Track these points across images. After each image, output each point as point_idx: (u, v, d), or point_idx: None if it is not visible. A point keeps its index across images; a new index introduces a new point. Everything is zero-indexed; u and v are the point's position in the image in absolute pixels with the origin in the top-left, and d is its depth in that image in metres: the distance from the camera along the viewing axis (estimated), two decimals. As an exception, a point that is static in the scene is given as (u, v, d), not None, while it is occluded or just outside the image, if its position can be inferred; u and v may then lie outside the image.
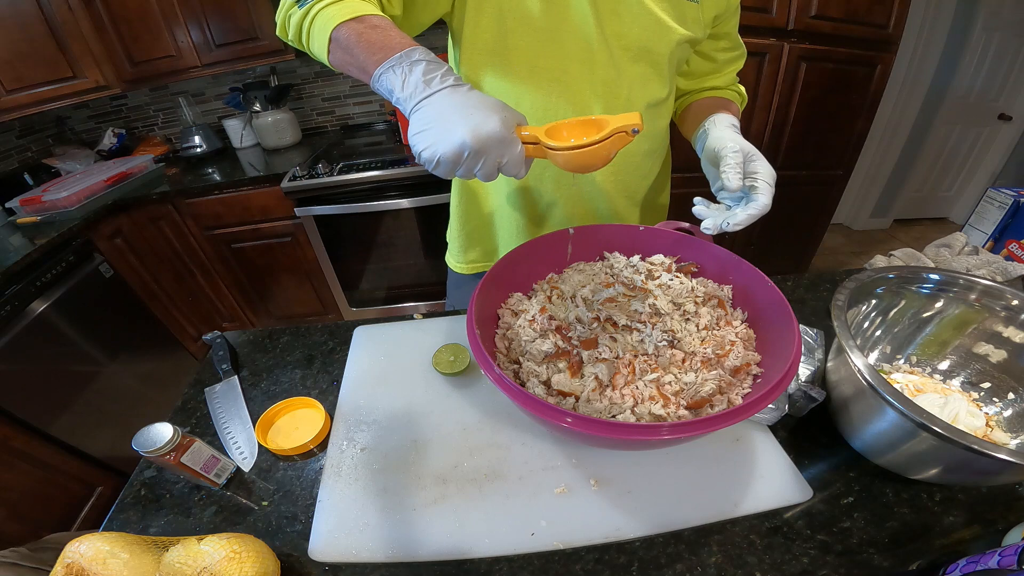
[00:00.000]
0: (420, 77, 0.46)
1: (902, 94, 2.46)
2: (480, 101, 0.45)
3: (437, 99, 0.45)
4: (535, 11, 0.59)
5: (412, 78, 0.47)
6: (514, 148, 0.45)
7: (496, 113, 0.44)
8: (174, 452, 0.50)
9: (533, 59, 0.62)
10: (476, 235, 0.84)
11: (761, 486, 0.51)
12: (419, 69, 0.47)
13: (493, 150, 0.44)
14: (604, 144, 0.45)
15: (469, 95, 0.45)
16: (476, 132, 0.42)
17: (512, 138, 0.44)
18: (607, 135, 0.44)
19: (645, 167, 0.78)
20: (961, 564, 0.40)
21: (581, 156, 0.45)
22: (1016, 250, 0.88)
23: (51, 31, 1.63)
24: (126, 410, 1.63)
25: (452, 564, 0.47)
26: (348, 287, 2.05)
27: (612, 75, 0.64)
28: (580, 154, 0.45)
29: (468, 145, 0.42)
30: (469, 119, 0.43)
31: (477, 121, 0.43)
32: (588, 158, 0.46)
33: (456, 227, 0.86)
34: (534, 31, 0.60)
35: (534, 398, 0.42)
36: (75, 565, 0.41)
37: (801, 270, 2.28)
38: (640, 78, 0.65)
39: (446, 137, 0.43)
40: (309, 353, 0.76)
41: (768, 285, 0.54)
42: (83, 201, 1.67)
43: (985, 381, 0.57)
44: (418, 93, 0.46)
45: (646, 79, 0.66)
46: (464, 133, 0.42)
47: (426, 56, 0.48)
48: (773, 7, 1.53)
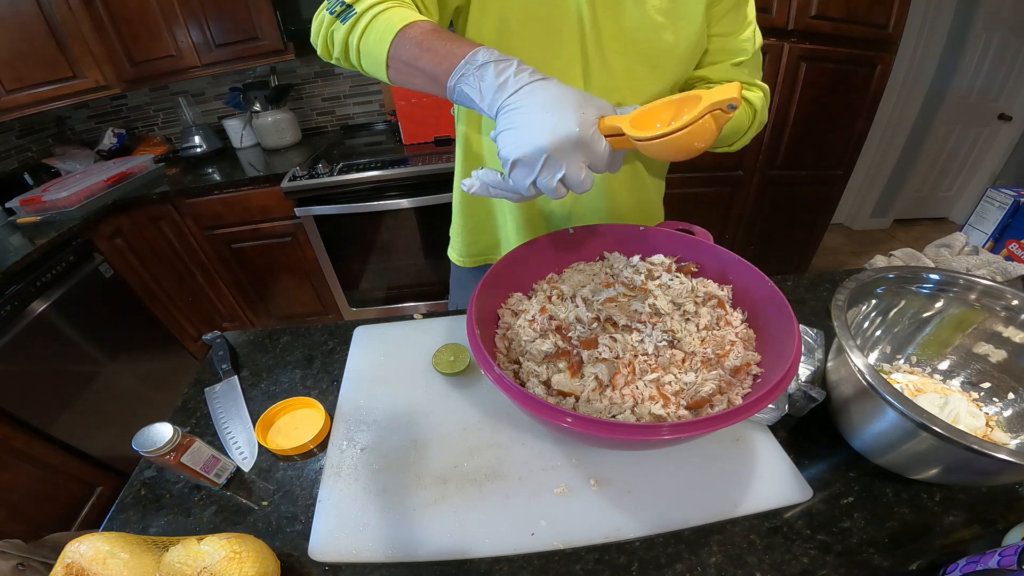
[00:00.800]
0: (493, 81, 0.44)
1: (902, 94, 2.46)
2: (557, 98, 0.42)
3: (517, 100, 0.43)
4: (537, 13, 0.59)
5: (486, 84, 0.45)
6: (597, 147, 0.41)
7: (574, 111, 0.41)
8: (174, 452, 0.50)
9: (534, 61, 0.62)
10: (479, 229, 0.84)
11: (761, 486, 0.51)
12: (489, 73, 0.44)
13: (573, 152, 0.41)
14: (697, 126, 0.39)
15: (546, 90, 0.42)
16: (554, 134, 0.40)
17: (593, 136, 0.41)
18: (698, 115, 0.39)
19: (651, 163, 0.77)
20: (961, 564, 0.40)
21: (672, 143, 0.40)
22: (1016, 250, 0.88)
23: (51, 31, 1.63)
24: (126, 410, 1.63)
25: (452, 564, 0.47)
26: (348, 287, 2.05)
27: (606, 75, 0.63)
28: (670, 141, 0.40)
29: (545, 149, 0.40)
30: (546, 121, 0.40)
31: (554, 123, 0.40)
32: (681, 143, 0.40)
33: (459, 221, 0.86)
34: (535, 33, 0.60)
35: (534, 398, 0.42)
36: (75, 565, 0.41)
37: (801, 270, 2.28)
38: (638, 78, 0.65)
39: (525, 138, 0.41)
40: (309, 353, 0.76)
41: (768, 285, 0.54)
42: (83, 201, 1.67)
43: (985, 381, 0.57)
44: (497, 99, 0.44)
45: (643, 79, 0.65)
46: (541, 137, 0.40)
47: (490, 56, 0.45)
48: (773, 7, 1.54)
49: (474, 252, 0.88)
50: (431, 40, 0.48)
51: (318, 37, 0.56)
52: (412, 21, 0.50)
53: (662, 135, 0.40)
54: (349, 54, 0.54)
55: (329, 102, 2.25)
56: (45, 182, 1.86)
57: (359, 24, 0.51)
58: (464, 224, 0.85)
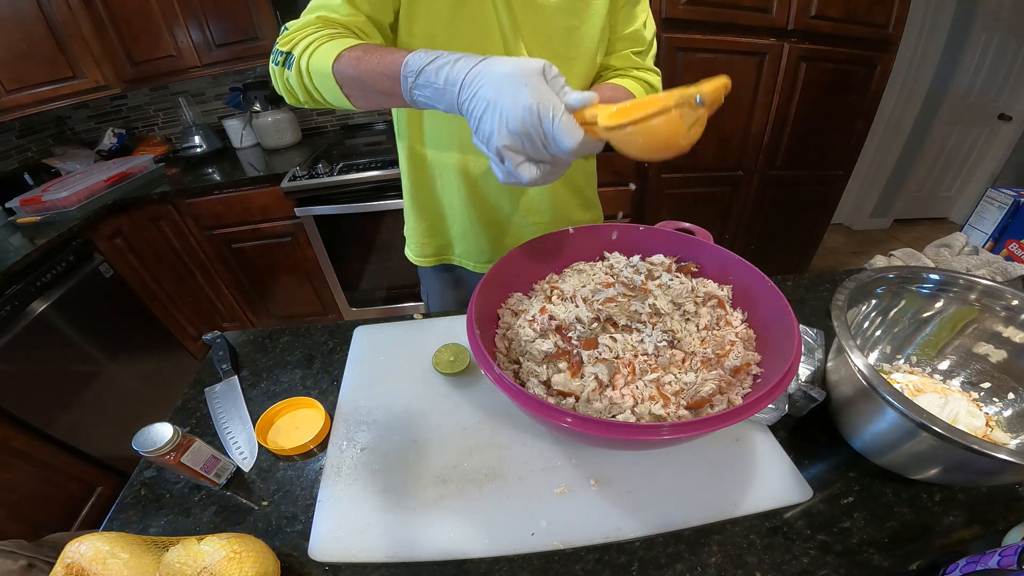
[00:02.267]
0: (437, 84, 0.44)
1: (902, 94, 2.46)
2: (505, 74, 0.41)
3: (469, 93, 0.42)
4: (460, 25, 0.61)
5: (432, 90, 0.45)
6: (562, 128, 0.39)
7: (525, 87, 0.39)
8: (174, 452, 0.50)
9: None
10: (431, 231, 0.86)
11: (761, 486, 0.51)
12: (428, 78, 0.45)
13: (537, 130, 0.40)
14: (664, 121, 0.37)
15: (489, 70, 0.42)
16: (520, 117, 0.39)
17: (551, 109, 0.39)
18: (659, 110, 0.37)
19: (589, 166, 0.79)
20: (961, 564, 0.40)
21: (638, 134, 0.38)
22: (1016, 250, 0.88)
23: (51, 31, 1.63)
24: (126, 410, 1.63)
25: (452, 564, 0.47)
26: (348, 287, 2.05)
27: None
28: (636, 131, 0.38)
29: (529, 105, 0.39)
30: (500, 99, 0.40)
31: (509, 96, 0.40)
32: (648, 139, 0.38)
33: (411, 223, 0.88)
34: (461, 43, 0.61)
35: (534, 398, 0.42)
36: (75, 565, 0.41)
37: (801, 270, 2.28)
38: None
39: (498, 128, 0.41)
40: (309, 353, 0.76)
41: (768, 285, 0.54)
42: (83, 201, 1.67)
43: (985, 381, 0.57)
44: (452, 98, 0.44)
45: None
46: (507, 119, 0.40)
47: (419, 61, 0.46)
48: (773, 7, 1.53)
49: (428, 252, 0.90)
50: (363, 66, 0.50)
51: (280, 89, 0.60)
52: (339, 53, 0.51)
53: (629, 123, 0.38)
54: (311, 95, 0.57)
55: (329, 102, 2.25)
56: (45, 182, 1.86)
57: (302, 60, 0.54)
58: (417, 226, 0.87)
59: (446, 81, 0.44)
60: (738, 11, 1.50)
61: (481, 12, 0.61)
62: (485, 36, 0.62)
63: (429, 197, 0.81)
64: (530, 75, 0.40)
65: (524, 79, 0.40)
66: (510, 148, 0.42)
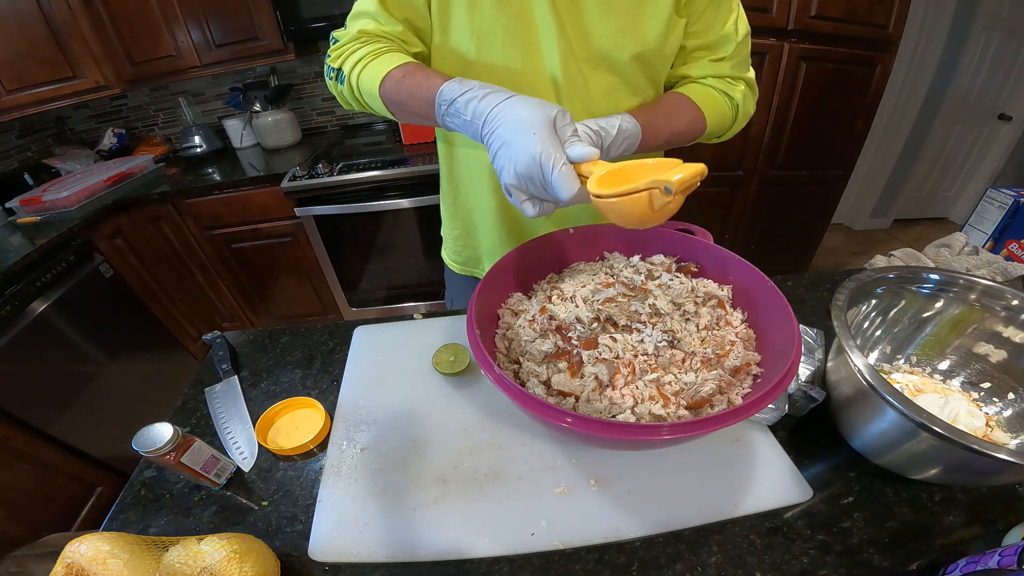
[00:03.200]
0: (465, 115, 0.48)
1: (902, 94, 2.46)
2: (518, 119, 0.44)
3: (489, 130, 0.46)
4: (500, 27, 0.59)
5: (461, 120, 0.49)
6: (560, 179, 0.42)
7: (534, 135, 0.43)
8: (174, 452, 0.50)
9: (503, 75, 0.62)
10: (461, 240, 0.85)
11: (761, 486, 0.51)
12: (458, 108, 0.48)
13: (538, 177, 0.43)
14: (634, 200, 0.39)
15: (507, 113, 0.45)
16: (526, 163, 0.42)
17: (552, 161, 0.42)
18: (631, 190, 0.39)
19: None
20: (961, 564, 0.40)
21: (609, 208, 0.41)
22: (1016, 250, 0.88)
23: (51, 31, 1.63)
24: (126, 410, 1.63)
25: (452, 564, 0.47)
26: (348, 287, 2.05)
27: (579, 83, 0.63)
28: (610, 204, 0.40)
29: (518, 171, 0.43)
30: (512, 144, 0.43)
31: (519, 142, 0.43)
32: (621, 212, 0.41)
33: (446, 229, 0.87)
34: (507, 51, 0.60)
35: (534, 398, 0.42)
36: (75, 565, 0.41)
37: (801, 270, 2.28)
38: (605, 87, 0.64)
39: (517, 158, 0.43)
40: (309, 353, 0.76)
41: (768, 285, 0.54)
42: (83, 201, 1.67)
43: (985, 381, 0.57)
44: (477, 131, 0.48)
45: (612, 88, 0.64)
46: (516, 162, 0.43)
47: (453, 92, 0.49)
48: (773, 7, 1.54)
49: (460, 261, 0.89)
50: (403, 90, 0.54)
51: (338, 99, 0.65)
52: (384, 76, 0.56)
53: (606, 195, 0.40)
54: (365, 108, 0.62)
55: (329, 102, 2.25)
56: (45, 182, 1.86)
57: (351, 78, 0.59)
58: (449, 232, 0.86)
59: (473, 114, 0.47)
60: (738, 11, 1.50)
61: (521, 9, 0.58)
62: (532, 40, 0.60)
63: (463, 204, 0.80)
64: (541, 124, 0.43)
65: (535, 127, 0.43)
66: (516, 187, 0.45)
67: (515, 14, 0.58)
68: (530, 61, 0.61)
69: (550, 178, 0.42)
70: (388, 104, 0.58)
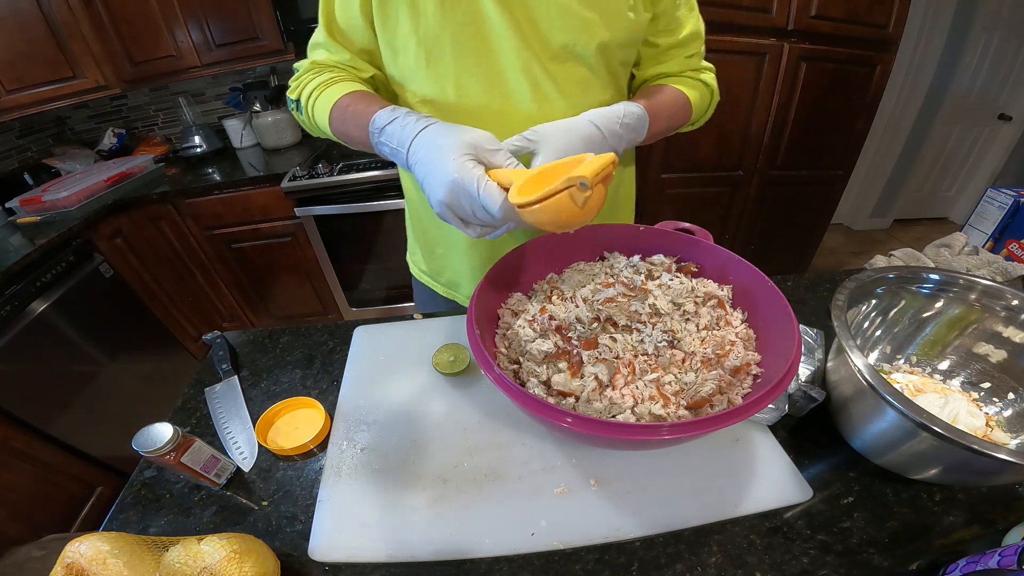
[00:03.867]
0: (392, 143, 0.49)
1: (902, 94, 2.46)
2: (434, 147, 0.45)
3: (413, 156, 0.48)
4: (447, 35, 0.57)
5: (389, 149, 0.51)
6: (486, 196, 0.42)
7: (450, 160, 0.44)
8: (174, 452, 0.50)
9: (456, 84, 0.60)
10: (439, 262, 0.83)
11: (761, 486, 0.51)
12: (387, 135, 0.50)
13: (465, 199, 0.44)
14: (552, 202, 0.39)
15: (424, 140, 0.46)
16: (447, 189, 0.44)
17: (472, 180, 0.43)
18: (549, 193, 0.39)
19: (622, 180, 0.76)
20: (961, 564, 0.40)
21: (536, 213, 0.40)
22: (1016, 250, 0.88)
23: (51, 31, 1.63)
24: (126, 410, 1.63)
25: (452, 564, 0.47)
26: (348, 287, 2.05)
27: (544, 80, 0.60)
28: (533, 211, 0.40)
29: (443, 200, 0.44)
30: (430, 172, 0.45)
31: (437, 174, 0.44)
32: (545, 216, 0.40)
33: (420, 250, 0.86)
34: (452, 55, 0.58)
35: (534, 398, 0.42)
36: (75, 565, 0.41)
37: (801, 270, 2.28)
38: (576, 81, 0.61)
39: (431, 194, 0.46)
40: (309, 353, 0.76)
41: (768, 285, 0.54)
42: (83, 201, 1.67)
43: (985, 381, 0.57)
44: (403, 157, 0.49)
45: (584, 81, 0.62)
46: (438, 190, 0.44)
47: (384, 119, 0.50)
48: (773, 7, 1.54)
49: (441, 283, 0.85)
50: (348, 120, 0.56)
51: (305, 127, 0.67)
52: (331, 108, 0.58)
53: (526, 203, 0.40)
54: (328, 137, 0.63)
55: (329, 102, 2.25)
56: (45, 182, 1.86)
57: (307, 112, 0.62)
58: (422, 253, 0.85)
59: (398, 142, 0.49)
60: (738, 11, 1.50)
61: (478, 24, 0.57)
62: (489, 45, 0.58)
63: (431, 232, 0.78)
64: (458, 148, 0.44)
65: (454, 151, 0.44)
66: (445, 213, 0.46)
67: (461, 20, 0.56)
68: (486, 65, 0.59)
69: (478, 197, 0.43)
70: (336, 135, 0.60)
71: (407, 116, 0.50)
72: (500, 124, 0.60)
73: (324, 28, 0.62)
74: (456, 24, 0.56)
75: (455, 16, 0.56)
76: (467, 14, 0.56)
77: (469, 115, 0.61)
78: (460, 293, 0.84)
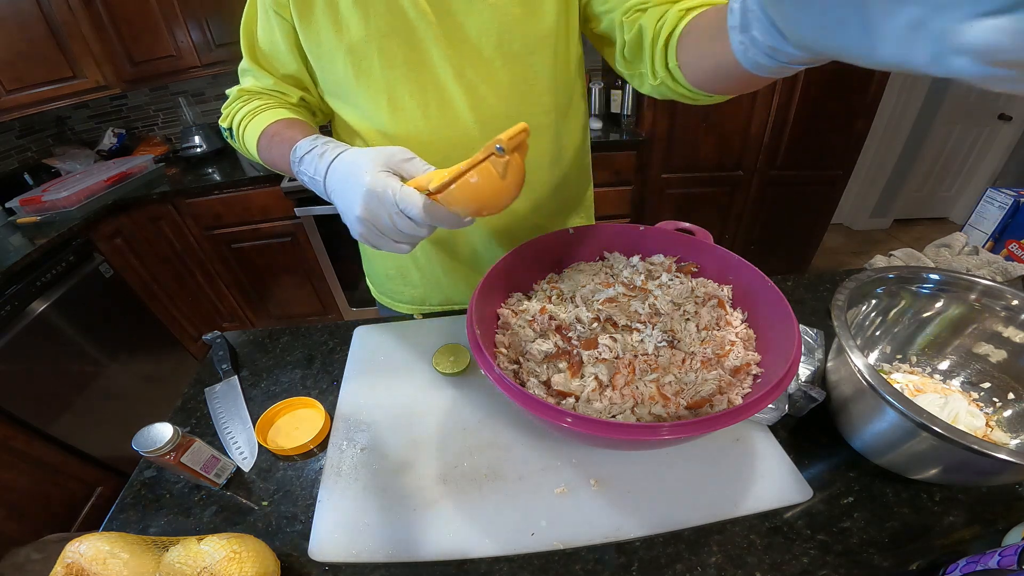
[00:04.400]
0: (310, 172, 0.49)
1: (902, 94, 2.46)
2: (350, 164, 0.45)
3: (330, 183, 0.47)
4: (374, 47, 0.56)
5: (307, 178, 0.50)
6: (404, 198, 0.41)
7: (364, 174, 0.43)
8: (174, 452, 0.50)
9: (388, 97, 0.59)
10: (397, 282, 0.81)
11: (761, 486, 0.51)
12: (305, 165, 0.49)
13: (379, 207, 0.42)
14: (476, 173, 0.39)
15: (342, 163, 0.46)
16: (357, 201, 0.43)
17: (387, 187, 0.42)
18: (470, 164, 0.39)
19: (553, 178, 0.70)
20: (961, 564, 0.40)
21: (458, 195, 0.40)
22: (1016, 250, 0.88)
23: (51, 31, 1.64)
24: (126, 410, 1.63)
25: (452, 564, 0.47)
26: (348, 287, 2.05)
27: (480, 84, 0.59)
28: (455, 192, 0.40)
29: (359, 217, 0.43)
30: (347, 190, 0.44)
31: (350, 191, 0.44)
32: (470, 193, 0.40)
33: (375, 273, 0.84)
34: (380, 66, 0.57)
35: (534, 398, 0.42)
36: (75, 565, 0.41)
37: (801, 270, 2.28)
38: (514, 83, 0.59)
39: (346, 215, 0.45)
40: (309, 353, 0.76)
41: (768, 285, 0.54)
42: (83, 201, 1.68)
43: (985, 381, 0.57)
44: (320, 186, 0.48)
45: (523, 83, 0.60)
46: (352, 208, 0.44)
47: (303, 148, 0.50)
48: (773, 7, 1.53)
49: (404, 300, 0.83)
50: (274, 148, 0.56)
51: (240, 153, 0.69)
52: (261, 132, 0.58)
53: (448, 182, 0.40)
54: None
55: (329, 102, 2.25)
56: (45, 182, 1.86)
57: (239, 141, 0.63)
58: (377, 273, 0.84)
59: (315, 170, 0.48)
60: (738, 11, 1.50)
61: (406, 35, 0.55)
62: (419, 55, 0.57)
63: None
64: (371, 164, 0.43)
65: (366, 167, 0.43)
66: (368, 232, 0.45)
67: (385, 31, 0.55)
68: (416, 74, 0.57)
69: (395, 203, 0.42)
70: (265, 163, 0.60)
71: (325, 144, 0.49)
72: (437, 134, 0.61)
73: (247, 54, 0.62)
74: (380, 35, 0.55)
75: (379, 27, 0.54)
76: (390, 24, 0.55)
77: (406, 125, 0.61)
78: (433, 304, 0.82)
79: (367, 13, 0.54)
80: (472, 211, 0.42)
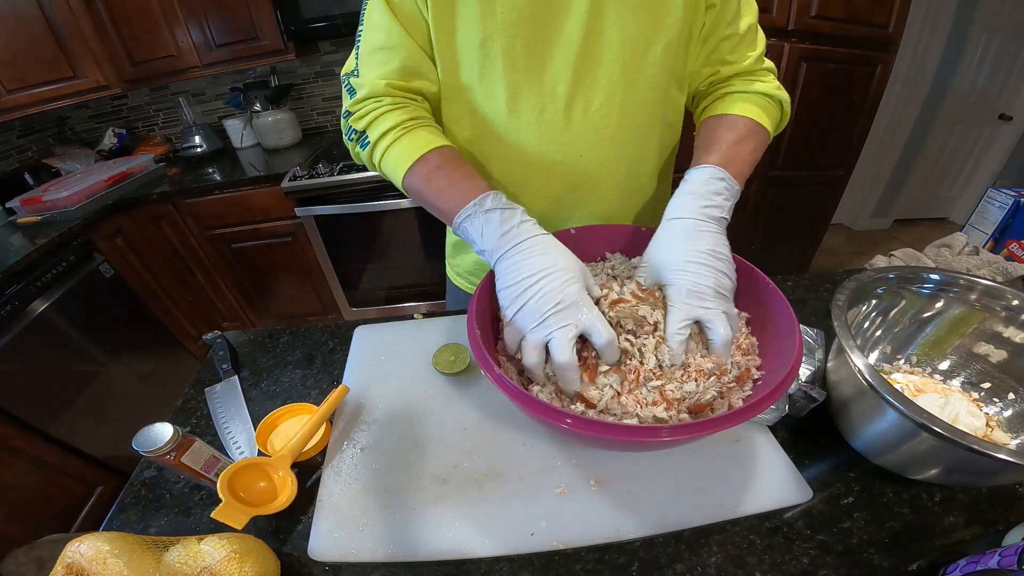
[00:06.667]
0: (497, 229, 0.49)
1: (902, 94, 2.46)
2: (557, 260, 0.47)
3: (518, 254, 0.48)
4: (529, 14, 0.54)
5: (489, 229, 0.49)
6: (591, 311, 0.46)
7: (576, 280, 0.46)
8: (174, 452, 0.50)
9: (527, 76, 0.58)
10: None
11: (761, 486, 0.51)
12: (495, 219, 0.49)
13: (573, 318, 0.45)
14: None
15: (547, 251, 0.47)
16: (561, 303, 0.45)
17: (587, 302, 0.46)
18: None
19: (650, 187, 0.73)
20: (961, 564, 0.40)
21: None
22: (1016, 250, 0.88)
23: (52, 31, 1.64)
24: (126, 410, 1.63)
25: (452, 564, 0.47)
26: (348, 287, 2.05)
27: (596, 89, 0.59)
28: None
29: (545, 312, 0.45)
30: (547, 286, 0.45)
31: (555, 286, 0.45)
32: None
33: (458, 256, 0.84)
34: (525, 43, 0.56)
35: (534, 399, 0.42)
36: (75, 565, 0.41)
37: (801, 270, 2.28)
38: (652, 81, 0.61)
39: (534, 306, 0.46)
40: (309, 353, 0.76)
41: (768, 286, 0.54)
42: (83, 201, 1.67)
43: (985, 381, 0.57)
44: (499, 248, 0.49)
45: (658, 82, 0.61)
46: (547, 305, 0.45)
47: (497, 203, 0.50)
48: (773, 7, 1.54)
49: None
50: (438, 179, 0.54)
51: (355, 158, 0.64)
52: (421, 156, 0.54)
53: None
54: (378, 172, 0.61)
55: (329, 102, 2.25)
56: (45, 182, 1.86)
57: (376, 152, 0.58)
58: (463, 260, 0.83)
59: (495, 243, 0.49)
60: (738, 11, 1.50)
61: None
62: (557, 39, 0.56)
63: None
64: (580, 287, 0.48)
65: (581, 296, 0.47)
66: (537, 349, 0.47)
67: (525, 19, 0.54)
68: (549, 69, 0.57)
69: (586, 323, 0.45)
70: (408, 193, 0.58)
71: (524, 215, 0.51)
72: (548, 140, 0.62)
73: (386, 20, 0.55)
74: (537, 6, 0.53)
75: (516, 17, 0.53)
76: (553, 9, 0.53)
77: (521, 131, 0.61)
78: None
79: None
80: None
